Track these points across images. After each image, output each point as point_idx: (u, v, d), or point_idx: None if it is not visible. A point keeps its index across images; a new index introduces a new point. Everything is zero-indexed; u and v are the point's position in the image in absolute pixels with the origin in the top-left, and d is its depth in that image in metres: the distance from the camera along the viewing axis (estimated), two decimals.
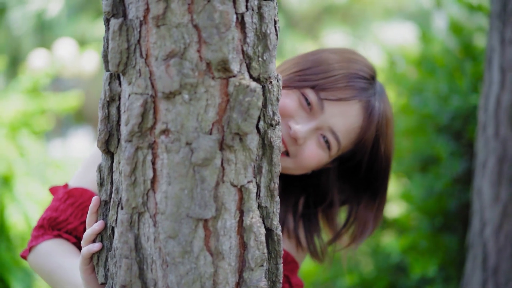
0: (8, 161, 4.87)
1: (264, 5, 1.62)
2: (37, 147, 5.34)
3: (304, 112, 2.03)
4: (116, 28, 1.60)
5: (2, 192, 4.79)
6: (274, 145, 1.66)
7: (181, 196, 1.56)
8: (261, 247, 1.63)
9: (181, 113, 1.56)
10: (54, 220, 2.01)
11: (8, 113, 5.05)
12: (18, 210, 4.78)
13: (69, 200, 2.03)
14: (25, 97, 5.30)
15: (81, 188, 2.04)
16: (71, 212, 2.01)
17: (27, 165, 5.09)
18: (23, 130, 5.20)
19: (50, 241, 1.98)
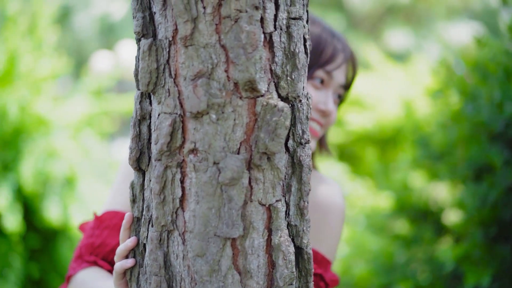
0: (72, 162, 4.97)
1: (293, 24, 1.61)
2: (101, 148, 5.45)
3: (319, 90, 2.23)
4: (146, 48, 1.62)
5: (65, 193, 4.90)
6: (303, 163, 1.65)
7: (209, 215, 1.57)
8: (290, 266, 1.63)
9: (209, 132, 1.57)
10: (91, 246, 2.06)
11: (72, 115, 5.16)
12: (80, 210, 4.88)
13: (102, 224, 2.08)
14: (89, 99, 5.41)
15: (112, 211, 2.09)
16: (106, 234, 2.06)
17: (90, 166, 5.19)
18: (87, 132, 5.31)
19: (85, 270, 2.03)
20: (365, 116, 4.83)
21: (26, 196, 4.82)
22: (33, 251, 4.99)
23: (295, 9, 1.62)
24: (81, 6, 9.14)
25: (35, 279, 5.00)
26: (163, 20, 1.61)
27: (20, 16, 5.16)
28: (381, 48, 6.16)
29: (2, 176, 4.72)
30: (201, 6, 1.56)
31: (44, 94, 5.08)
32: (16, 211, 4.61)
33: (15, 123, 4.85)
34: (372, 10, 10.47)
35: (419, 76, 4.63)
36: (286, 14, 1.61)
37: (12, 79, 4.96)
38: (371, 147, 4.79)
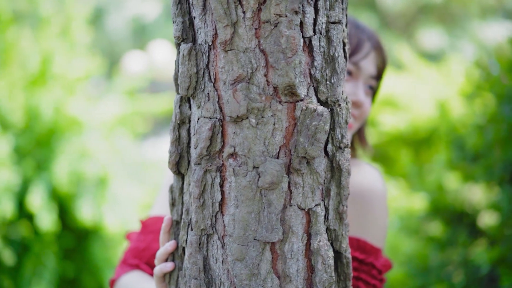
0: (104, 163, 5.01)
1: (332, 28, 1.61)
2: (134, 148, 5.48)
3: (348, 81, 2.22)
4: (185, 53, 1.63)
5: (98, 193, 4.94)
6: (342, 168, 1.65)
7: (248, 219, 1.58)
8: (329, 270, 1.63)
9: (248, 137, 1.57)
10: (136, 250, 2.09)
11: (105, 115, 5.20)
12: (113, 210, 4.92)
13: (147, 229, 2.11)
14: (122, 99, 5.44)
15: (156, 217, 2.11)
16: (151, 238, 2.09)
17: (123, 166, 5.23)
18: (120, 132, 5.34)
19: (128, 273, 2.05)
20: (398, 116, 4.80)
21: (60, 196, 4.87)
22: (67, 250, 5.04)
23: (334, 13, 1.62)
24: (114, 7, 9.20)
25: (69, 278, 5.05)
26: (203, 24, 1.61)
27: (54, 18, 5.21)
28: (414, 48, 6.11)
29: (37, 175, 4.77)
30: (241, 11, 1.56)
31: (77, 95, 5.12)
32: (51, 210, 4.66)
33: (49, 123, 4.90)
34: (404, 9, 10.39)
35: (453, 77, 4.59)
36: (325, 18, 1.60)
37: (46, 80, 5.01)
38: (405, 148, 4.76)
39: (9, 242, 4.74)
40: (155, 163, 5.70)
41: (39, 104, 4.87)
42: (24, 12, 5.64)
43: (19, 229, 4.82)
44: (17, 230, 4.82)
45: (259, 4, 1.55)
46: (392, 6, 10.32)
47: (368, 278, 2.06)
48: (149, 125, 6.28)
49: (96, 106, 5.24)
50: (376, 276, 2.11)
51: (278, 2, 1.54)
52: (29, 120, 4.90)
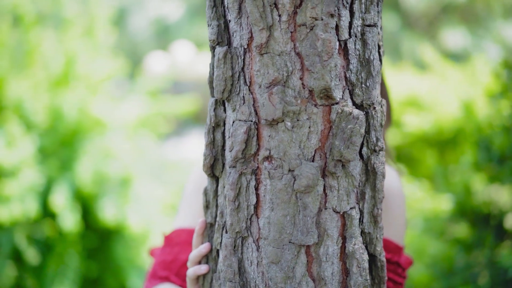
0: (127, 163, 5.03)
1: (367, 31, 1.61)
2: (156, 148, 5.50)
3: None
4: (221, 56, 1.63)
5: (121, 193, 4.96)
6: (377, 171, 1.65)
7: (284, 222, 1.58)
8: (364, 273, 1.63)
9: (284, 140, 1.57)
10: (164, 263, 2.10)
11: (128, 116, 5.22)
12: (136, 211, 4.94)
13: (172, 242, 2.13)
14: (145, 100, 5.46)
15: (179, 229, 2.13)
16: (177, 250, 2.10)
17: (146, 166, 5.24)
18: (143, 132, 5.36)
19: (159, 286, 2.07)
20: (422, 117, 4.78)
21: (83, 196, 4.89)
22: (91, 250, 5.06)
23: (369, 16, 1.61)
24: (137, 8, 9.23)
25: (92, 278, 5.08)
26: (238, 28, 1.62)
27: (78, 19, 5.24)
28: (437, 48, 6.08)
29: (60, 175, 4.80)
30: (277, 14, 1.56)
31: (101, 95, 5.15)
32: (74, 210, 4.69)
33: (73, 123, 4.93)
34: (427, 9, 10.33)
35: (478, 77, 4.57)
36: (361, 21, 1.60)
37: (70, 81, 5.04)
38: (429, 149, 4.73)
39: (33, 242, 4.77)
40: (177, 163, 5.72)
41: (62, 104, 4.90)
42: (48, 13, 5.67)
43: (43, 229, 4.86)
44: (41, 230, 4.85)
45: (295, 8, 1.55)
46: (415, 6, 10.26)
47: (396, 277, 2.06)
48: (171, 126, 6.29)
49: (119, 106, 5.26)
50: (401, 274, 2.11)
51: (314, 5, 1.54)
52: (53, 121, 4.93)
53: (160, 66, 6.25)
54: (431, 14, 10.26)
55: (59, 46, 5.10)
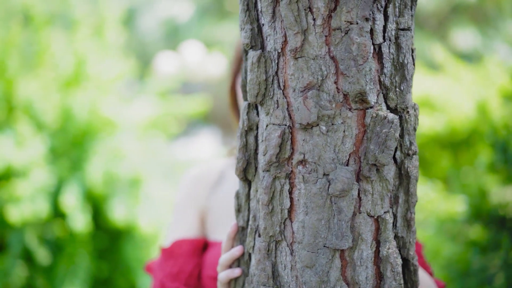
0: (137, 163, 5.03)
1: (401, 35, 1.60)
2: (166, 149, 5.50)
3: None
4: (254, 60, 1.63)
5: (131, 194, 4.96)
6: (411, 175, 1.65)
7: (318, 226, 1.58)
8: (398, 277, 1.63)
9: (319, 144, 1.57)
10: (170, 275, 2.10)
11: (138, 116, 5.21)
12: (145, 211, 4.94)
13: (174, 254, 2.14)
14: (155, 101, 5.46)
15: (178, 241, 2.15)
16: (181, 261, 2.11)
17: (156, 167, 5.24)
18: (153, 133, 5.36)
19: None
20: (435, 118, 4.77)
21: (94, 197, 4.90)
22: (101, 250, 5.06)
23: (403, 20, 1.61)
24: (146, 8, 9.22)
25: (103, 278, 5.08)
26: (272, 32, 1.61)
27: (87, 19, 5.24)
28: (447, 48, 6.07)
29: (71, 175, 4.80)
30: (311, 18, 1.56)
31: (111, 96, 5.15)
32: (85, 211, 4.69)
33: (83, 124, 4.93)
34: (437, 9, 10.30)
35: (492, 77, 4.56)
36: (395, 25, 1.60)
37: (80, 81, 5.04)
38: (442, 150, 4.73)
39: (43, 242, 4.77)
40: (187, 163, 5.71)
41: (73, 105, 4.90)
42: (57, 14, 5.67)
43: (54, 229, 4.86)
44: (52, 230, 4.86)
45: (330, 11, 1.55)
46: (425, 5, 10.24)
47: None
48: (181, 126, 6.29)
49: (129, 107, 5.26)
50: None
51: (349, 9, 1.53)
52: (63, 121, 4.94)
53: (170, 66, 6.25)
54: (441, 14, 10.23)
55: (69, 47, 5.11)
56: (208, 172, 2.29)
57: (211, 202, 2.24)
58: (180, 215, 2.22)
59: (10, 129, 4.73)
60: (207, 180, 2.27)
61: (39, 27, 5.04)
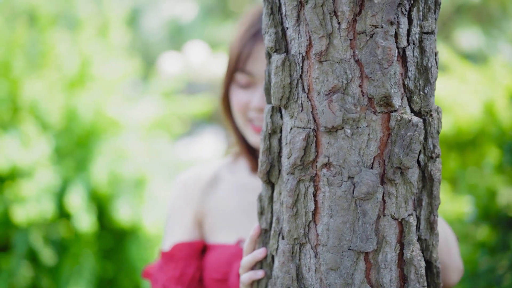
0: (142, 164, 5.04)
1: (425, 38, 1.61)
2: (171, 149, 5.50)
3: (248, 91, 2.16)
4: (279, 63, 1.64)
5: (136, 194, 4.96)
6: (434, 177, 1.66)
7: (343, 229, 1.59)
8: (422, 280, 1.64)
9: (344, 147, 1.58)
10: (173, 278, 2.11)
11: (143, 116, 5.22)
12: (150, 211, 4.95)
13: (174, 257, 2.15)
14: (159, 101, 5.46)
15: (178, 244, 2.16)
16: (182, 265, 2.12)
17: (160, 167, 5.25)
18: (157, 133, 5.37)
19: None
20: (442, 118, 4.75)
21: (98, 197, 4.90)
22: (106, 250, 5.07)
23: (427, 24, 1.62)
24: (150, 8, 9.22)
25: (108, 278, 5.09)
26: (297, 35, 1.62)
27: (91, 19, 5.24)
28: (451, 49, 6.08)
29: (76, 176, 4.80)
30: (336, 22, 1.57)
31: (115, 96, 5.15)
32: (90, 211, 4.69)
33: (88, 124, 4.94)
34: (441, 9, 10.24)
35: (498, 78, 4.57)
36: (418, 29, 1.61)
37: (85, 82, 5.04)
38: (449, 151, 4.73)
39: (49, 242, 4.78)
40: (191, 163, 5.71)
41: (78, 105, 4.91)
42: (61, 14, 5.67)
43: (59, 229, 4.86)
44: (57, 230, 4.86)
45: (354, 15, 1.56)
46: None
47: None
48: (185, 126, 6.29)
49: (134, 107, 5.27)
50: None
51: (374, 13, 1.54)
52: (68, 121, 4.94)
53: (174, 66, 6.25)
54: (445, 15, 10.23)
55: (73, 47, 5.11)
56: (201, 175, 2.30)
57: (208, 205, 2.24)
58: (177, 218, 2.22)
59: (15, 130, 4.73)
60: (201, 183, 2.27)
61: (44, 28, 5.05)
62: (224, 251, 2.15)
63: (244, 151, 2.26)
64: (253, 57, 2.13)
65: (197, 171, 2.32)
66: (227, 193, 2.24)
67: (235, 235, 2.18)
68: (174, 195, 2.28)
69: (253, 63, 2.13)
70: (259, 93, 2.14)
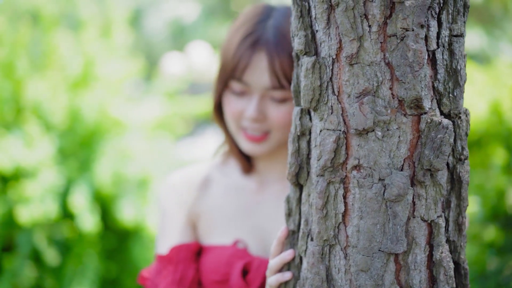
0: (145, 164, 5.04)
1: (454, 41, 1.63)
2: (174, 149, 5.50)
3: (243, 100, 2.12)
4: (309, 66, 1.65)
5: (139, 194, 4.96)
6: (463, 179, 1.67)
7: (374, 230, 1.60)
8: (451, 281, 1.65)
9: (374, 149, 1.59)
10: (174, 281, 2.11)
11: (146, 117, 5.22)
12: (153, 212, 4.95)
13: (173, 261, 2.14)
14: (162, 101, 5.47)
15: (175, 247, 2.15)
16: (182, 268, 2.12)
17: (164, 167, 5.25)
18: (161, 133, 5.37)
19: None
20: None
21: (102, 197, 4.90)
22: (110, 251, 5.07)
23: (456, 27, 1.63)
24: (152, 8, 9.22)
25: (111, 278, 5.09)
26: (327, 38, 1.63)
27: (94, 20, 5.24)
28: None
29: (80, 176, 4.80)
30: (367, 25, 1.58)
31: (119, 96, 5.15)
32: (94, 211, 4.69)
33: (92, 124, 4.94)
34: None
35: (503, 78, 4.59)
36: (448, 32, 1.62)
37: (89, 82, 5.04)
38: None
39: (52, 242, 4.77)
40: (193, 163, 5.70)
41: (81, 105, 4.91)
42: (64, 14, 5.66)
43: (63, 230, 4.86)
44: (61, 231, 4.86)
45: (385, 18, 1.57)
46: None
47: None
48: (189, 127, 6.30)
49: (137, 107, 5.27)
50: None
51: (405, 16, 1.56)
52: (72, 122, 4.94)
53: (177, 67, 6.25)
54: None
55: (77, 47, 5.10)
56: (192, 177, 2.27)
57: (201, 207, 2.23)
58: (171, 221, 2.20)
59: (19, 130, 4.73)
60: (193, 185, 2.25)
61: (47, 28, 5.04)
62: (222, 252, 2.14)
63: (236, 153, 2.24)
64: (251, 68, 2.09)
65: (187, 173, 2.29)
66: (220, 194, 2.23)
67: (230, 236, 2.17)
68: (166, 198, 2.25)
69: (251, 74, 2.09)
70: (254, 103, 2.10)
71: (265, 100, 2.11)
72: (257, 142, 2.13)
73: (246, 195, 2.20)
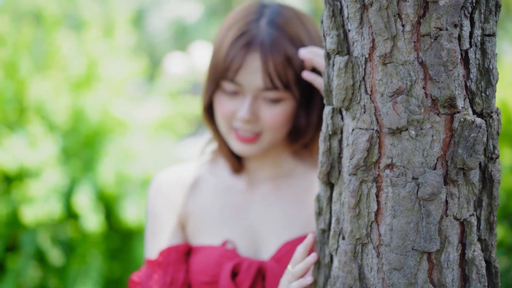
0: (148, 164, 5.03)
1: (487, 40, 1.64)
2: (177, 149, 5.50)
3: (235, 100, 2.08)
4: (342, 65, 1.65)
5: (142, 194, 4.96)
6: (494, 178, 1.68)
7: (407, 229, 1.61)
8: (483, 280, 1.66)
9: (408, 148, 1.60)
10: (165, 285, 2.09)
11: (149, 117, 5.22)
12: None
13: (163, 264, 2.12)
14: (165, 101, 5.46)
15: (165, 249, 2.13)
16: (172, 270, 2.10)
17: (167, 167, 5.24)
18: (163, 133, 5.37)
19: None
20: None
21: (105, 197, 4.90)
22: (113, 250, 5.07)
23: (489, 26, 1.64)
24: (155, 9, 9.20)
25: (115, 278, 5.08)
26: (359, 37, 1.64)
27: (97, 20, 5.23)
28: None
29: (83, 176, 4.80)
30: (400, 24, 1.59)
31: (122, 96, 5.15)
32: (98, 211, 4.69)
33: (95, 124, 4.93)
34: None
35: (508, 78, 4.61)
36: (480, 31, 1.63)
37: (92, 82, 5.03)
38: None
39: (56, 242, 4.77)
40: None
41: (84, 105, 4.90)
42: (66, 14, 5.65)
43: (66, 230, 4.85)
44: (65, 231, 4.85)
45: (419, 18, 1.58)
46: None
47: None
48: (191, 127, 6.29)
49: (140, 107, 5.26)
50: None
51: (439, 16, 1.56)
52: (75, 122, 4.93)
53: (179, 67, 6.24)
54: None
55: (80, 48, 5.10)
56: (181, 177, 2.22)
57: (190, 207, 2.19)
58: (159, 223, 2.16)
59: (22, 130, 4.72)
60: (182, 185, 2.20)
61: (50, 28, 5.03)
62: (211, 253, 2.12)
63: (226, 152, 2.20)
64: (244, 68, 2.05)
65: (175, 173, 2.24)
66: (209, 194, 2.20)
67: (219, 236, 2.14)
68: (153, 200, 2.20)
69: (244, 75, 2.05)
70: (247, 104, 2.07)
71: (258, 101, 2.09)
72: (248, 143, 2.10)
73: (236, 195, 2.18)
